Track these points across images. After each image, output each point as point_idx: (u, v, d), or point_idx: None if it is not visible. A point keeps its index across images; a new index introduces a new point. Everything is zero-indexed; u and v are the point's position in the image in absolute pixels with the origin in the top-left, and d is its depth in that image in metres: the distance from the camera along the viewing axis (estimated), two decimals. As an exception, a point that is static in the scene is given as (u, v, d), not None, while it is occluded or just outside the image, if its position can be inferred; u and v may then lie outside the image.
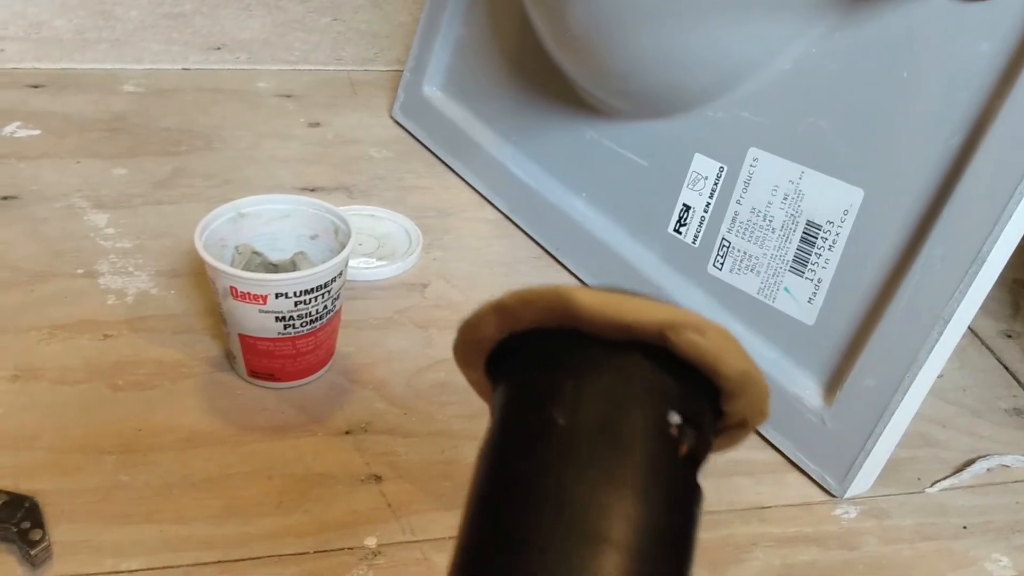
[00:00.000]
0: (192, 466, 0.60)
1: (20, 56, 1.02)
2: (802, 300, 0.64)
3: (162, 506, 0.57)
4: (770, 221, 0.66)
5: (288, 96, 1.01)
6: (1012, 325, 0.81)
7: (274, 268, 0.68)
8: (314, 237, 0.67)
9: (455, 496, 0.60)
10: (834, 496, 0.63)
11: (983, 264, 0.55)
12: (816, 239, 0.63)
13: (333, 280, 0.63)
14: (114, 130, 0.92)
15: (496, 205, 0.87)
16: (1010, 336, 0.79)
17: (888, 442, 0.61)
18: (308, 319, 0.63)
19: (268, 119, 0.97)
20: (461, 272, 0.79)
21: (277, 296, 0.60)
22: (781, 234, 0.65)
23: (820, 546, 0.60)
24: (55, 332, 0.68)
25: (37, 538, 0.53)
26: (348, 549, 0.56)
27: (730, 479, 0.63)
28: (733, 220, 0.68)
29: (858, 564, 0.59)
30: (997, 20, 0.54)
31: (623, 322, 0.28)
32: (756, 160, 0.66)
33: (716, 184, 0.69)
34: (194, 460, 0.60)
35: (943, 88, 0.57)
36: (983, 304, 0.58)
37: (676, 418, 0.28)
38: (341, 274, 0.63)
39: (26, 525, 0.54)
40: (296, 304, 0.61)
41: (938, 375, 0.60)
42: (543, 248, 0.82)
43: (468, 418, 0.66)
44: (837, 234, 0.62)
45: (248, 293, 0.60)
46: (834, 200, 0.62)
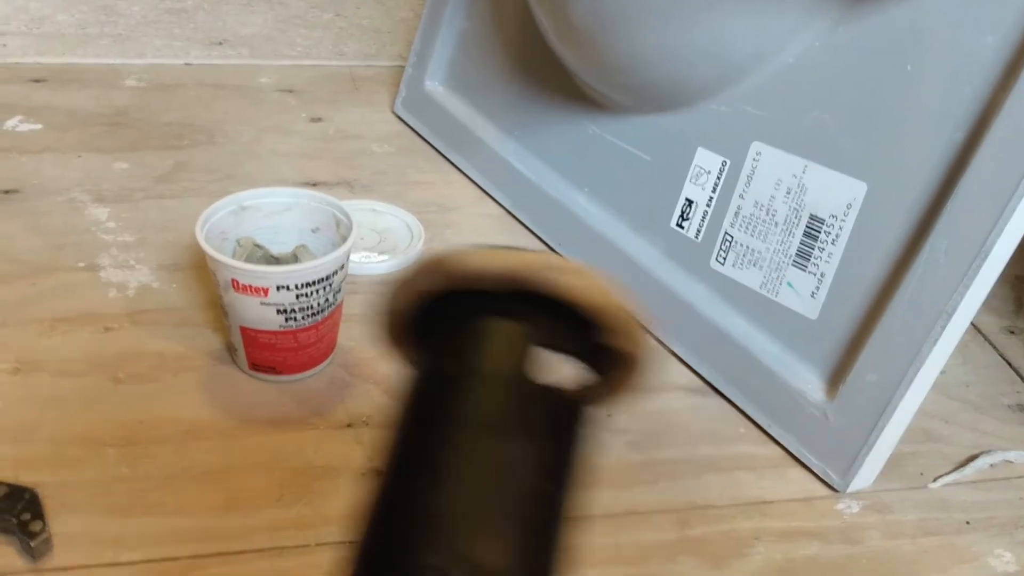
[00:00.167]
0: (193, 458, 0.60)
1: (22, 51, 1.02)
2: (805, 294, 0.64)
3: (163, 498, 0.57)
4: (773, 215, 0.66)
5: (290, 91, 1.01)
6: (1015, 321, 0.81)
7: (275, 261, 0.68)
8: (316, 230, 0.67)
9: (456, 489, 0.60)
10: (836, 491, 0.62)
11: (987, 258, 0.54)
12: (819, 233, 0.63)
13: (335, 273, 0.62)
14: (116, 124, 0.92)
15: (498, 200, 0.86)
16: (1013, 332, 0.79)
17: (891, 437, 0.60)
18: (310, 312, 0.62)
19: (270, 114, 0.97)
20: (463, 267, 0.79)
21: (279, 289, 0.60)
22: (784, 228, 0.65)
23: (822, 541, 0.59)
24: (56, 325, 0.68)
25: (37, 529, 0.53)
26: (349, 542, 0.56)
27: (732, 473, 0.63)
28: (736, 214, 0.68)
29: (860, 559, 0.58)
30: (1002, 14, 0.54)
31: (495, 274, 0.33)
32: (759, 154, 0.66)
33: (719, 178, 0.69)
34: (195, 452, 0.60)
35: (947, 82, 0.57)
36: (986, 300, 0.58)
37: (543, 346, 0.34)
38: (343, 267, 0.63)
39: (26, 516, 0.53)
40: (298, 297, 0.61)
41: (941, 371, 0.59)
42: (545, 243, 0.82)
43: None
44: (840, 228, 0.62)
45: (249, 286, 0.60)
46: (837, 194, 0.62)
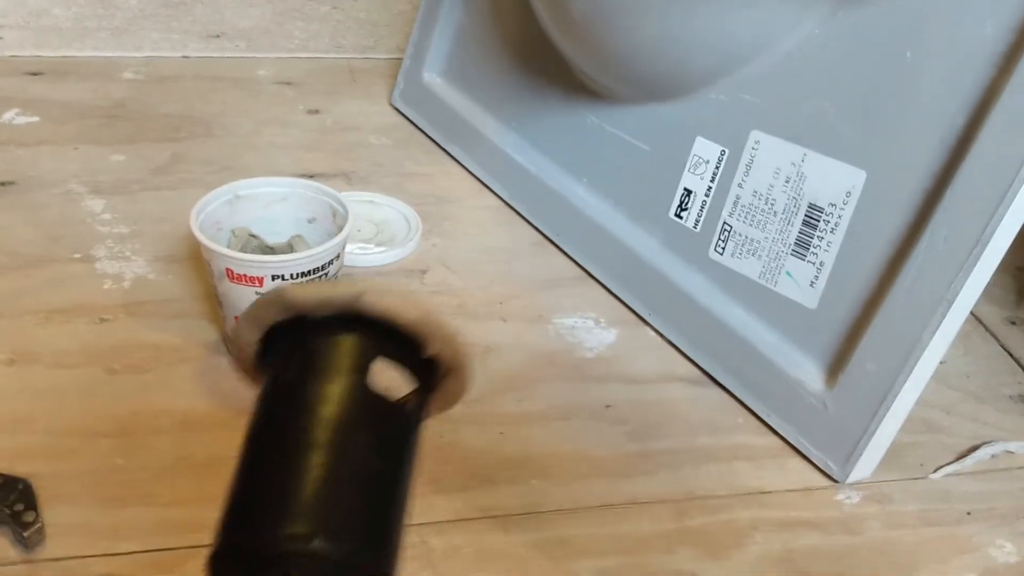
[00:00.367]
0: (189, 449, 0.59)
1: (19, 44, 1.01)
2: (804, 284, 0.64)
3: (158, 489, 0.57)
4: (772, 204, 0.65)
5: (287, 84, 1.01)
6: (1016, 312, 0.80)
7: (271, 251, 0.67)
8: (312, 220, 0.67)
9: (454, 480, 0.60)
10: (836, 481, 0.62)
11: (987, 245, 0.54)
12: (818, 222, 0.63)
13: (330, 262, 0.62)
14: (113, 117, 0.92)
15: (496, 192, 0.86)
16: (1014, 323, 0.79)
17: (891, 427, 0.60)
18: (305, 302, 0.62)
19: (267, 106, 0.96)
20: (461, 258, 0.79)
21: (274, 278, 0.60)
22: (783, 217, 0.65)
23: (822, 531, 0.59)
24: (52, 316, 0.68)
25: (30, 520, 0.52)
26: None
27: (730, 464, 0.63)
28: (735, 204, 0.67)
29: (861, 549, 0.58)
30: (1002, 1, 0.54)
31: (324, 299, 0.37)
32: (758, 143, 0.66)
33: (718, 168, 0.68)
34: (190, 444, 0.60)
35: (947, 69, 0.56)
36: (987, 291, 0.57)
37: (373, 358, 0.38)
38: (339, 256, 0.63)
39: (19, 507, 0.53)
40: (293, 287, 0.61)
41: (941, 361, 0.59)
42: (543, 234, 0.82)
43: (467, 403, 0.65)
44: (840, 217, 0.62)
45: (244, 275, 0.60)
46: (837, 182, 0.62)
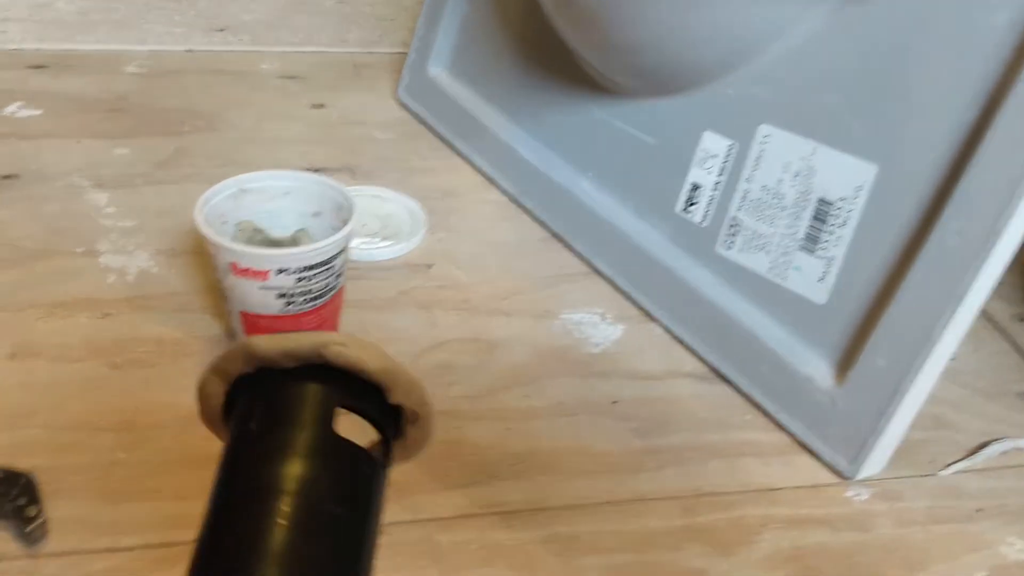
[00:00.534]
0: (192, 444, 0.59)
1: (22, 37, 1.01)
2: (813, 279, 0.63)
3: (161, 484, 0.56)
4: (781, 199, 0.65)
5: (292, 78, 1.00)
6: (1026, 309, 0.79)
7: (276, 245, 0.67)
8: (317, 214, 0.66)
9: (459, 476, 0.59)
10: (845, 478, 0.61)
11: (999, 238, 0.53)
12: (828, 216, 0.62)
13: (336, 256, 0.61)
14: (116, 111, 0.91)
15: (502, 187, 0.85)
16: (1023, 320, 0.78)
17: (901, 423, 0.59)
18: (310, 296, 0.61)
19: (271, 100, 0.96)
20: (466, 253, 0.78)
21: (279, 272, 0.59)
22: (792, 212, 0.64)
23: (831, 528, 0.58)
24: (54, 310, 0.67)
25: (33, 514, 0.52)
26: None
27: (738, 460, 0.62)
28: (743, 198, 0.67)
29: (870, 546, 0.57)
30: (1014, -8, 0.53)
31: (288, 350, 0.38)
32: (767, 137, 0.65)
33: (726, 162, 0.68)
34: (194, 438, 0.59)
35: (958, 61, 0.56)
36: (997, 288, 0.57)
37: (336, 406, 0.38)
38: (344, 250, 0.62)
39: (22, 501, 0.53)
40: (298, 281, 0.60)
41: (951, 358, 0.58)
42: (549, 230, 0.81)
43: (473, 398, 0.65)
44: (850, 211, 0.61)
45: (249, 269, 0.59)
46: (847, 176, 0.61)
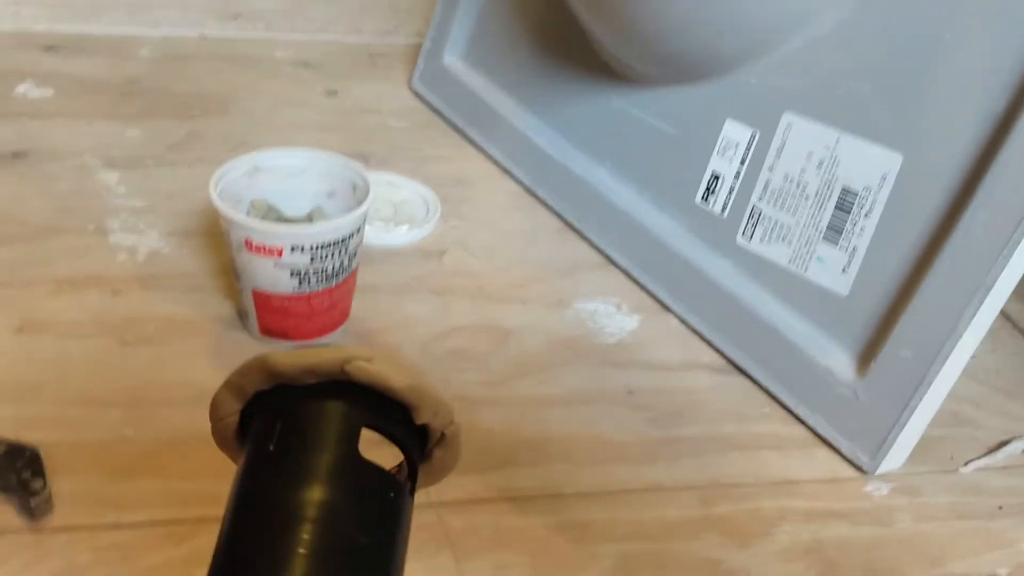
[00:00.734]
0: (201, 422, 0.57)
1: (35, 18, 1.00)
2: (836, 270, 0.62)
3: (169, 461, 0.55)
4: (804, 188, 0.64)
5: (305, 66, 0.99)
6: (1045, 310, 0.78)
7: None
8: (331, 194, 0.65)
9: (471, 460, 0.58)
10: (865, 472, 0.60)
11: (1030, 228, 0.52)
12: (852, 206, 0.61)
13: (351, 236, 0.61)
14: (128, 93, 0.90)
15: (516, 176, 0.84)
16: (1043, 321, 0.77)
17: (923, 417, 0.58)
18: (324, 276, 0.60)
19: (285, 87, 0.95)
20: (480, 241, 0.77)
21: (293, 250, 0.58)
22: (815, 202, 0.63)
23: (850, 522, 0.57)
24: (62, 286, 0.66)
25: (38, 488, 0.51)
26: None
27: (756, 452, 0.61)
28: (764, 188, 0.66)
29: (891, 541, 0.56)
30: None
31: (309, 366, 0.35)
32: (790, 125, 0.64)
33: (747, 151, 0.67)
34: (203, 417, 0.57)
35: (988, 50, 0.55)
36: (1016, 288, 0.56)
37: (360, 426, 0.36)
38: (359, 230, 0.61)
39: (27, 474, 0.52)
40: (312, 259, 0.59)
41: (971, 356, 0.57)
42: (564, 220, 0.80)
43: (485, 384, 0.64)
44: (874, 201, 0.60)
45: (263, 246, 0.58)
46: (871, 165, 0.60)
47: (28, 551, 0.49)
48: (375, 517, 0.35)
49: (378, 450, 0.36)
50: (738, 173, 0.67)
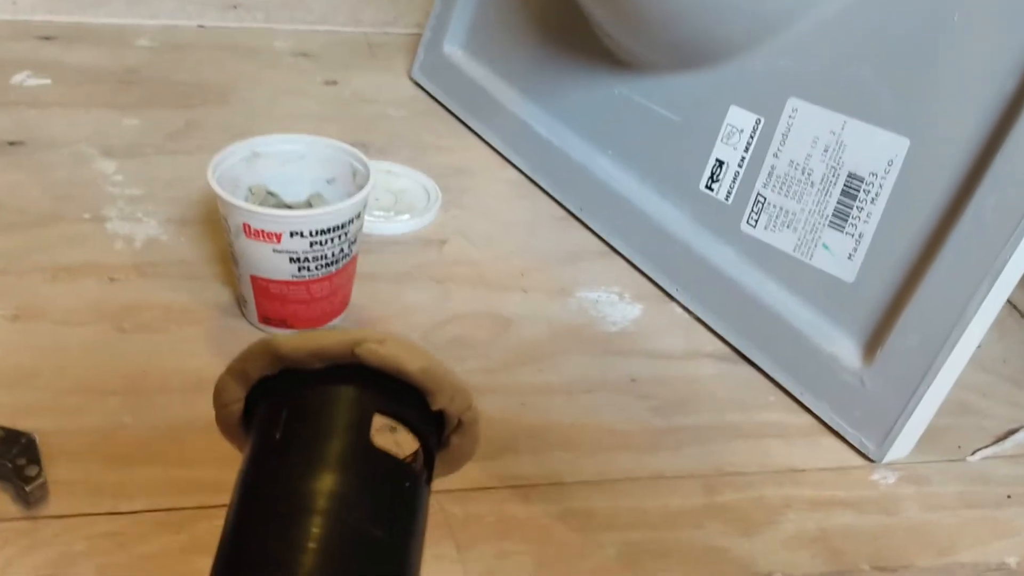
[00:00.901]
0: (199, 410, 0.56)
1: (32, 8, 0.99)
2: (841, 256, 0.61)
3: (166, 449, 0.54)
4: (809, 174, 0.63)
5: (305, 56, 0.98)
6: (1052, 300, 0.78)
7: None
8: (331, 181, 0.65)
9: (473, 449, 0.57)
10: (871, 461, 0.60)
11: (1040, 212, 0.52)
12: (858, 192, 0.60)
13: (351, 221, 0.60)
14: (126, 83, 0.90)
15: (517, 165, 0.84)
16: (1050, 311, 0.76)
17: (930, 404, 0.58)
18: (323, 262, 0.60)
19: (284, 77, 0.94)
20: (480, 230, 0.77)
21: (292, 235, 0.58)
22: (820, 188, 0.62)
23: (857, 511, 0.57)
24: (59, 274, 0.66)
25: (33, 475, 0.50)
26: None
27: (761, 441, 0.60)
28: (769, 174, 0.65)
29: (898, 530, 0.56)
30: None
31: (317, 349, 0.34)
32: (795, 111, 0.63)
33: (752, 137, 0.66)
34: (201, 404, 0.57)
35: (996, 32, 0.54)
36: (1022, 277, 0.55)
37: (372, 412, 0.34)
38: (359, 216, 0.61)
39: (22, 461, 0.51)
40: (311, 245, 0.58)
41: (977, 345, 0.57)
42: (566, 208, 0.79)
43: (487, 372, 0.63)
44: (880, 186, 0.59)
45: (262, 231, 0.58)
46: (878, 151, 0.59)
47: (23, 538, 0.49)
48: (389, 508, 0.32)
49: (391, 439, 0.35)
50: (742, 160, 0.67)
